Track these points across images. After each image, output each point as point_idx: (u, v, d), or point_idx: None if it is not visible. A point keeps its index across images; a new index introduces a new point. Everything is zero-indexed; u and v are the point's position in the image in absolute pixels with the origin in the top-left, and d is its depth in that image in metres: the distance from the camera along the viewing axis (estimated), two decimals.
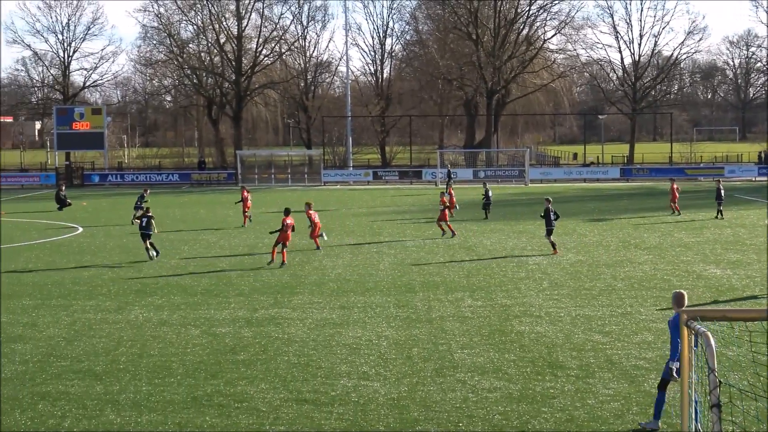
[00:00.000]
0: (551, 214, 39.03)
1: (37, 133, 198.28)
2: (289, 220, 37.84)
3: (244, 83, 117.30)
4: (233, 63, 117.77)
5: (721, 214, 53.17)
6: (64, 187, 53.50)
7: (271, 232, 40.65)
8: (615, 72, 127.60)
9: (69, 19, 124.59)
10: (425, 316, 26.68)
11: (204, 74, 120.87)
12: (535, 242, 43.42)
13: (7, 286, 32.82)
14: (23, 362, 21.74)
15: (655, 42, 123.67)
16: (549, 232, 39.51)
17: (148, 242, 39.49)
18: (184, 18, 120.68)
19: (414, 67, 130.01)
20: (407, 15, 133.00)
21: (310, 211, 42.32)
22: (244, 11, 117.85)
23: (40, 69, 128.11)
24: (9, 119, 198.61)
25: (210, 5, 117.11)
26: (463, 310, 27.43)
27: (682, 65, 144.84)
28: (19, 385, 19.77)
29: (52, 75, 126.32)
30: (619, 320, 25.70)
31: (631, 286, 31.22)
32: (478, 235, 47.01)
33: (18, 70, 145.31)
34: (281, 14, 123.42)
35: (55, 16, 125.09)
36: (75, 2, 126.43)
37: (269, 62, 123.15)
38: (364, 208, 65.65)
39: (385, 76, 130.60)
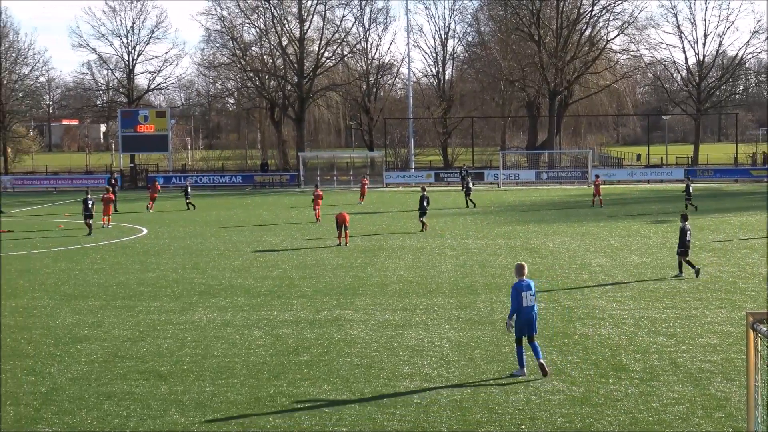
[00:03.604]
0: (687, 233, 33.93)
1: (102, 136, 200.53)
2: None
3: (307, 85, 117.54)
4: (295, 65, 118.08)
5: None
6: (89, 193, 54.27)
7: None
8: (679, 72, 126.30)
9: (133, 23, 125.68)
10: (488, 318, 26.61)
11: (266, 77, 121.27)
12: (598, 244, 43.15)
13: (73, 287, 33.22)
14: (89, 362, 21.97)
15: (720, 42, 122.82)
16: (683, 253, 34.09)
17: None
18: (246, 21, 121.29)
19: (476, 69, 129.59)
20: (469, 16, 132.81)
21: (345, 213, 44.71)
22: (306, 14, 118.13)
23: (105, 72, 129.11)
24: (75, 122, 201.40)
25: (272, 8, 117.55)
26: None
27: (747, 65, 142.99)
28: (84, 385, 19.98)
29: (116, 78, 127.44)
30: (684, 323, 25.46)
31: (695, 288, 30.91)
32: (540, 236, 46.80)
33: (83, 73, 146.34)
34: (343, 16, 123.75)
35: (120, 20, 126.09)
36: (139, 6, 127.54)
37: (331, 64, 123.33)
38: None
39: (447, 77, 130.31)
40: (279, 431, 16.90)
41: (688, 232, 33.87)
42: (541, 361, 20.25)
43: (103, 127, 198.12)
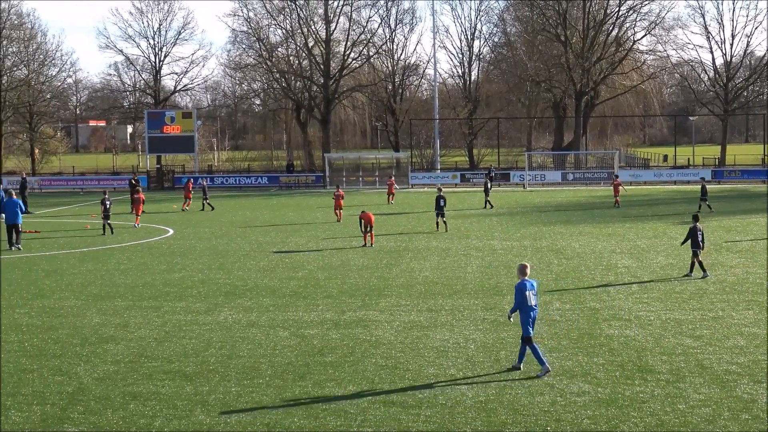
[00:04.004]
0: (699, 234, 33.84)
1: (128, 137, 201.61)
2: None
3: (332, 86, 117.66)
4: (321, 66, 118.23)
5: None
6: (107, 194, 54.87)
7: None
8: (706, 73, 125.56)
9: (160, 24, 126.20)
10: (513, 318, 26.56)
11: (292, 78, 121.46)
12: (624, 245, 43.02)
13: (99, 287, 33.36)
14: (115, 362, 22.05)
15: (748, 42, 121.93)
16: (695, 254, 34.04)
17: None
18: (273, 22, 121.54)
19: (502, 70, 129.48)
20: (495, 17, 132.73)
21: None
22: (332, 15, 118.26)
23: (132, 74, 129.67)
24: (102, 123, 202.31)
25: (299, 9, 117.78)
26: (552, 313, 27.26)
27: None
28: (111, 385, 20.06)
29: (143, 79, 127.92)
30: (711, 324, 25.35)
31: (722, 290, 30.77)
32: (566, 237, 46.70)
33: (110, 75, 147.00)
34: (369, 17, 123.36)
35: (147, 22, 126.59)
36: (166, 7, 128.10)
37: (357, 65, 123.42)
38: (451, 210, 65.46)
39: (472, 78, 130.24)
40: None
41: (700, 233, 33.77)
42: (523, 361, 20.96)
43: (129, 128, 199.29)
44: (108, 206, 52.44)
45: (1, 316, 28.14)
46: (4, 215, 46.64)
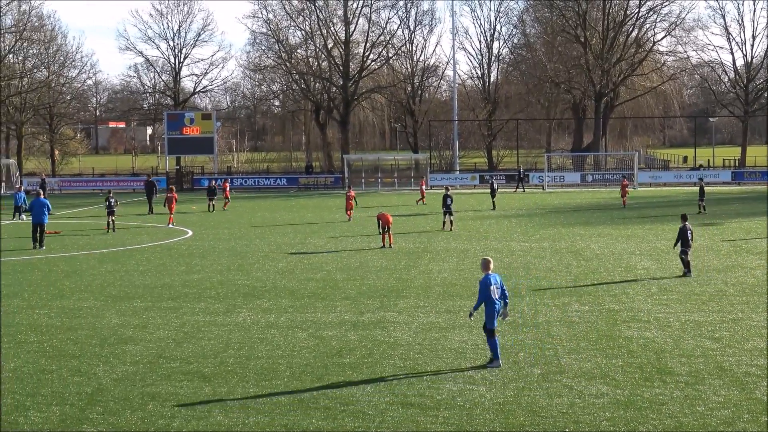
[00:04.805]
0: (689, 233, 34.42)
1: (148, 138, 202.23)
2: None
3: (352, 88, 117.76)
4: (341, 68, 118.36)
5: None
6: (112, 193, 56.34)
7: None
8: (726, 74, 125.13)
9: (180, 26, 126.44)
10: (531, 320, 26.54)
11: (312, 79, 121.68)
12: (643, 246, 42.92)
13: (119, 288, 33.46)
14: (134, 363, 22.11)
15: None
16: (684, 252, 34.60)
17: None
18: (292, 24, 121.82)
19: (521, 71, 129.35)
20: (515, 18, 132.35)
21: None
22: (351, 16, 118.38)
23: (152, 75, 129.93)
24: (121, 125, 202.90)
25: (318, 11, 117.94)
26: (570, 314, 27.22)
27: None
28: (129, 386, 20.10)
29: (163, 81, 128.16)
30: (730, 326, 25.26)
31: (742, 292, 30.66)
32: (585, 239, 46.62)
33: (130, 76, 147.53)
34: (388, 19, 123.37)
35: (167, 23, 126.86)
36: (186, 9, 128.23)
37: (376, 67, 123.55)
38: (470, 211, 65.51)
39: (492, 79, 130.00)
40: None
41: (689, 232, 34.30)
42: (497, 353, 21.50)
43: (149, 130, 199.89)
44: (112, 204, 54.67)
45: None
46: (30, 214, 48.07)
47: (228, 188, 75.54)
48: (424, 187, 77.93)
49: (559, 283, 33.10)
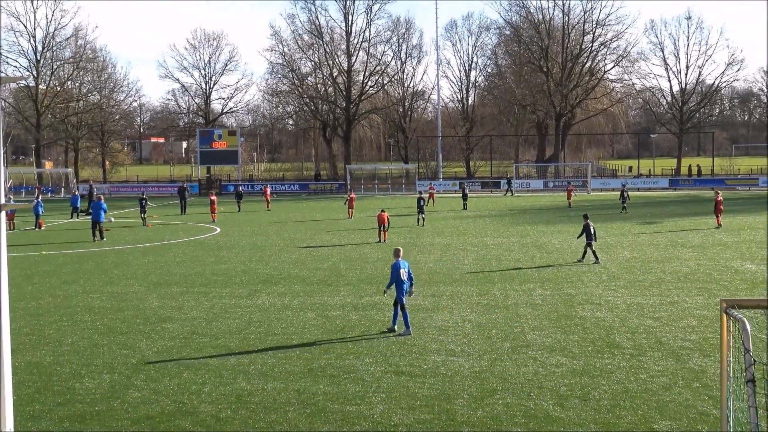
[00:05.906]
0: (591, 228, 35.58)
1: (183, 151, 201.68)
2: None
3: (353, 109, 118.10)
4: (344, 92, 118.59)
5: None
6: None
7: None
8: (665, 98, 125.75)
9: (210, 58, 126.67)
10: (502, 303, 26.51)
11: (320, 102, 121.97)
12: (596, 242, 42.84)
13: (159, 276, 33.39)
14: (171, 338, 22.07)
15: (699, 72, 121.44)
16: (589, 244, 35.64)
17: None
18: (303, 56, 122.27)
19: (494, 95, 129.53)
20: (489, 51, 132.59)
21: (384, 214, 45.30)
22: (353, 50, 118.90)
23: (187, 98, 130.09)
24: (161, 140, 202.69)
25: (325, 45, 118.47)
26: (535, 298, 27.20)
27: (722, 92, 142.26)
28: (168, 357, 20.06)
29: (196, 103, 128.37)
30: (668, 308, 25.25)
31: (677, 279, 30.66)
32: (547, 235, 46.61)
33: (168, 99, 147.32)
34: (384, 52, 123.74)
35: (199, 55, 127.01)
36: (215, 43, 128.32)
37: (373, 92, 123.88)
38: (452, 212, 65.45)
39: (469, 102, 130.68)
40: (328, 396, 16.91)
41: (592, 227, 35.68)
42: (408, 324, 22.16)
43: (184, 144, 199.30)
44: (144, 204, 57.06)
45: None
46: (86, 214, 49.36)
47: (269, 192, 76.04)
48: (433, 191, 78.51)
49: (525, 271, 33.08)
